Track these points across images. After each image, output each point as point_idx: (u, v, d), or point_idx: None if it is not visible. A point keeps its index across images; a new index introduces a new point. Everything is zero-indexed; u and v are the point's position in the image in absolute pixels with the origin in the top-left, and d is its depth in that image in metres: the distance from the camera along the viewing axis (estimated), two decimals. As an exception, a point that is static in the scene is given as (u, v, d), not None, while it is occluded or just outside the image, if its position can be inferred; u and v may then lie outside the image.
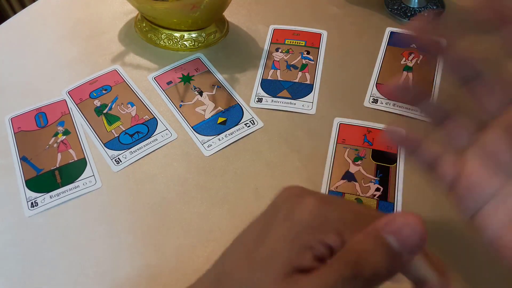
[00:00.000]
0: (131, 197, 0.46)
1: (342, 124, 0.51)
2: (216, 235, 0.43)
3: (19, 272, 0.41)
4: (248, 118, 0.52)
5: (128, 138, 0.50)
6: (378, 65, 0.57)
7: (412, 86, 0.29)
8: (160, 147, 0.50)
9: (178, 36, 0.59)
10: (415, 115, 0.51)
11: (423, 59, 0.57)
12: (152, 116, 0.52)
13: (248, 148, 0.49)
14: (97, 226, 0.44)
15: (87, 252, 0.42)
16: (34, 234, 0.43)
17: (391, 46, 0.59)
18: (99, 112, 0.53)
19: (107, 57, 0.59)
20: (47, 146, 0.50)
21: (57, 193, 0.46)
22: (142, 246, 0.43)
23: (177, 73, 0.57)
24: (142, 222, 0.44)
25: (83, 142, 0.50)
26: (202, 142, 0.50)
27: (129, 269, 0.41)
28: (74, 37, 0.62)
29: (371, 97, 0.53)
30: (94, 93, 0.54)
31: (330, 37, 0.60)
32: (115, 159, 0.48)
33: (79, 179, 0.47)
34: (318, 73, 0.56)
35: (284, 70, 0.56)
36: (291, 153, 0.49)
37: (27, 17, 0.65)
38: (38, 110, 0.53)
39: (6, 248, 0.43)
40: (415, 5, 0.63)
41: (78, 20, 0.64)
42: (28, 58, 0.59)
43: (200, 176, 0.47)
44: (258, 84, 0.55)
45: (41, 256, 0.42)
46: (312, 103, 0.53)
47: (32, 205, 0.45)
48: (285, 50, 0.59)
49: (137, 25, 0.62)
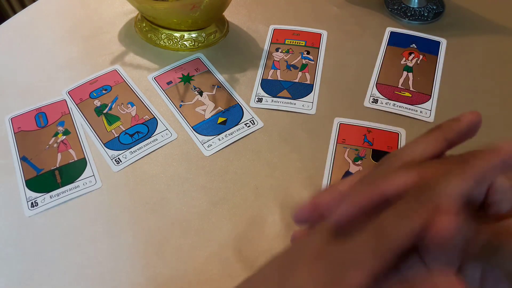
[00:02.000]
0: (131, 197, 0.46)
1: (342, 124, 0.51)
2: (216, 235, 0.43)
3: (19, 272, 0.41)
4: (248, 118, 0.52)
5: (128, 138, 0.50)
6: (378, 65, 0.57)
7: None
8: (160, 147, 0.50)
9: (178, 36, 0.59)
10: (415, 115, 0.51)
11: (423, 59, 0.57)
12: (152, 116, 0.52)
13: (248, 148, 0.49)
14: (97, 226, 0.44)
15: (87, 252, 0.42)
16: (34, 234, 0.43)
17: (391, 46, 0.59)
18: (99, 112, 0.53)
19: (107, 57, 0.59)
20: (47, 146, 0.50)
21: (57, 193, 0.46)
22: (142, 246, 0.43)
23: (177, 73, 0.57)
24: (142, 222, 0.44)
25: (83, 142, 0.50)
26: (202, 142, 0.50)
27: (129, 269, 0.41)
28: (74, 37, 0.62)
29: (371, 97, 0.53)
30: (94, 93, 0.54)
31: (330, 37, 0.60)
32: (115, 159, 0.48)
33: (79, 179, 0.47)
34: (318, 73, 0.56)
35: (284, 70, 0.56)
36: (291, 153, 0.49)
37: (27, 17, 0.65)
38: (38, 110, 0.53)
39: (6, 248, 0.43)
40: (415, 5, 0.63)
41: (78, 20, 0.64)
42: (28, 58, 0.59)
43: (200, 176, 0.47)
44: (258, 84, 0.55)
45: (41, 256, 0.42)
46: (312, 103, 0.53)
47: (32, 205, 0.45)
48: (285, 50, 0.59)
49: (137, 25, 0.62)
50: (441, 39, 0.59)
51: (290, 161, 0.48)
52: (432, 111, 0.52)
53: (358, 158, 0.48)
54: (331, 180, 0.46)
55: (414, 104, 0.52)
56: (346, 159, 0.48)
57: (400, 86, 0.54)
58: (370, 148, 0.49)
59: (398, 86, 0.54)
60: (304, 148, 0.49)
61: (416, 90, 0.54)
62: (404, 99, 0.53)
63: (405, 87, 0.54)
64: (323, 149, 0.49)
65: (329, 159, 0.48)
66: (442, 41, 0.59)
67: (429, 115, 0.51)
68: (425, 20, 0.62)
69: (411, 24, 0.62)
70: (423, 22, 0.62)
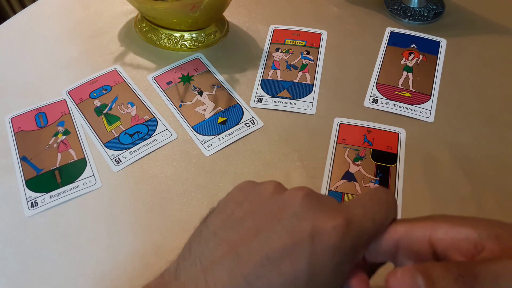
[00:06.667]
0: (131, 197, 0.46)
1: (342, 124, 0.51)
2: (216, 235, 0.43)
3: (19, 272, 0.41)
4: (248, 118, 0.52)
5: (128, 138, 0.50)
6: (378, 65, 0.57)
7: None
8: (160, 147, 0.50)
9: (178, 36, 0.59)
10: (415, 115, 0.51)
11: (423, 59, 0.57)
12: (152, 116, 0.52)
13: (248, 148, 0.49)
14: (97, 226, 0.44)
15: (87, 252, 0.42)
16: (34, 234, 0.43)
17: (391, 46, 0.59)
18: (99, 112, 0.53)
19: (107, 57, 0.59)
20: (47, 146, 0.50)
21: (57, 193, 0.46)
22: (142, 246, 0.43)
23: (177, 73, 0.57)
24: (142, 222, 0.44)
25: (83, 142, 0.50)
26: (202, 142, 0.50)
27: (129, 269, 0.41)
28: (74, 37, 0.62)
29: (371, 97, 0.53)
30: (94, 93, 0.54)
31: (330, 37, 0.60)
32: (115, 159, 0.48)
33: (79, 179, 0.47)
34: (318, 73, 0.56)
35: (284, 70, 0.56)
36: (291, 153, 0.49)
37: (27, 17, 0.65)
38: (38, 110, 0.53)
39: (6, 248, 0.43)
40: (415, 5, 0.63)
41: (78, 20, 0.64)
42: (28, 58, 0.59)
43: (200, 176, 0.47)
44: (258, 84, 0.55)
45: (41, 256, 0.42)
46: (312, 103, 0.53)
47: (32, 205, 0.45)
48: (285, 50, 0.59)
49: (137, 25, 0.62)
50: (441, 39, 0.59)
51: (290, 161, 0.48)
52: (432, 111, 0.52)
53: (358, 158, 0.48)
54: (331, 180, 0.46)
55: (414, 104, 0.52)
56: (346, 159, 0.48)
57: (400, 86, 0.54)
58: (370, 148, 0.49)
59: (398, 86, 0.54)
60: (304, 148, 0.49)
61: (416, 90, 0.54)
62: (404, 99, 0.53)
63: (405, 87, 0.54)
64: (323, 149, 0.49)
65: (329, 159, 0.48)
66: (442, 41, 0.59)
67: (429, 115, 0.51)
68: (425, 20, 0.62)
69: (411, 24, 0.62)
70: (423, 22, 0.62)
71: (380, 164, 0.47)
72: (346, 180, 0.46)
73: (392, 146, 0.49)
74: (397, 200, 0.45)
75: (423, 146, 0.48)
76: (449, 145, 0.49)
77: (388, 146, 0.49)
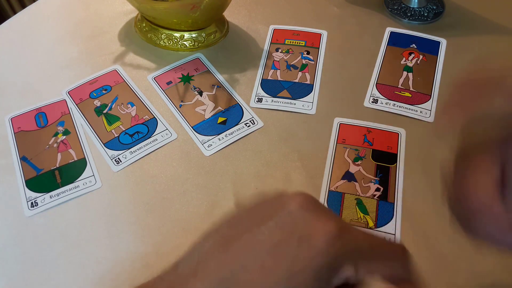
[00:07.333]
0: (131, 197, 0.46)
1: (342, 124, 0.51)
2: (216, 235, 0.43)
3: (19, 272, 0.41)
4: (248, 118, 0.52)
5: (128, 138, 0.50)
6: (378, 65, 0.57)
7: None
8: (160, 147, 0.50)
9: (178, 36, 0.59)
10: (415, 115, 0.51)
11: (423, 59, 0.57)
12: (152, 116, 0.52)
13: (248, 148, 0.49)
14: (97, 226, 0.44)
15: (87, 252, 0.42)
16: (34, 234, 0.43)
17: (391, 46, 0.59)
18: (99, 112, 0.53)
19: (107, 57, 0.59)
20: (47, 146, 0.50)
21: (57, 193, 0.46)
22: (142, 246, 0.43)
23: (177, 73, 0.57)
24: (142, 222, 0.44)
25: (83, 142, 0.50)
26: (202, 142, 0.50)
27: (129, 269, 0.41)
28: (74, 37, 0.62)
29: (371, 97, 0.53)
30: (94, 93, 0.54)
31: (330, 37, 0.60)
32: (115, 159, 0.48)
33: (79, 179, 0.47)
34: (318, 73, 0.56)
35: (284, 70, 0.56)
36: (291, 153, 0.49)
37: (27, 17, 0.65)
38: (38, 110, 0.53)
39: (6, 248, 0.43)
40: (415, 5, 0.63)
41: (78, 20, 0.64)
42: (28, 58, 0.59)
43: (200, 176, 0.47)
44: (258, 84, 0.55)
45: (41, 256, 0.42)
46: (312, 103, 0.53)
47: (32, 205, 0.45)
48: (285, 50, 0.59)
49: (137, 25, 0.62)
50: (441, 39, 0.59)
51: (290, 161, 0.48)
52: (432, 111, 0.52)
53: (358, 158, 0.48)
54: (331, 180, 0.46)
55: (414, 104, 0.52)
56: (346, 159, 0.48)
57: (400, 86, 0.54)
58: (370, 148, 0.49)
59: (398, 86, 0.54)
60: (304, 148, 0.49)
61: (416, 90, 0.54)
62: (404, 99, 0.53)
63: (405, 87, 0.54)
64: (323, 149, 0.49)
65: (329, 159, 0.48)
66: (442, 41, 0.59)
67: (429, 115, 0.51)
68: (425, 20, 0.62)
69: (411, 24, 0.62)
70: (423, 22, 0.62)
71: (380, 164, 0.47)
72: (346, 180, 0.46)
73: (392, 146, 0.49)
74: (397, 200, 0.45)
75: (423, 146, 0.48)
76: (449, 145, 0.49)
77: (388, 146, 0.49)
